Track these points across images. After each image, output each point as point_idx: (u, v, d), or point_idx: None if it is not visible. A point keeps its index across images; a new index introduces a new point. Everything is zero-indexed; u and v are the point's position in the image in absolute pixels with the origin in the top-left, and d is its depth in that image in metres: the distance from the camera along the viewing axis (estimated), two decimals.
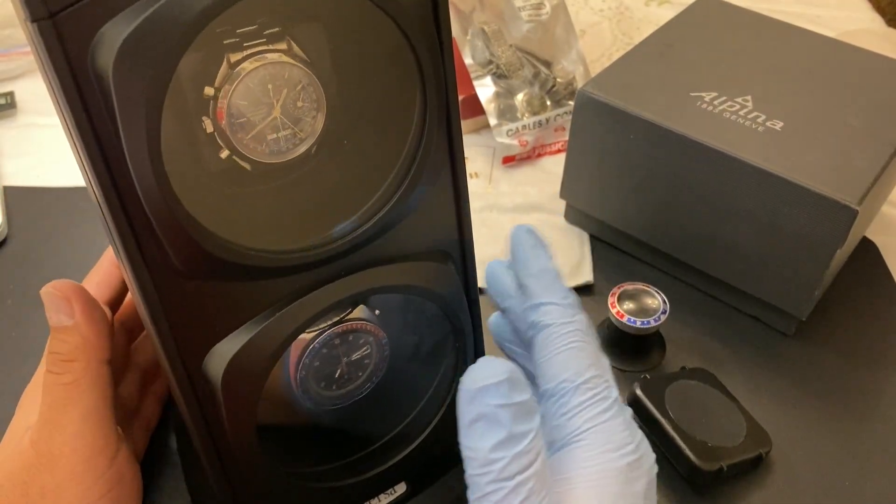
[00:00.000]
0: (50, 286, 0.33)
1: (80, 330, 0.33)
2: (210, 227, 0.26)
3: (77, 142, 0.24)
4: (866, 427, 0.46)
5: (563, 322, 0.32)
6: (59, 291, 0.33)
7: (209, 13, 0.23)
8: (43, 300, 0.33)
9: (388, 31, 0.27)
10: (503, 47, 0.65)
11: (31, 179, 0.61)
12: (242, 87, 0.26)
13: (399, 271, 0.32)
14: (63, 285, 0.33)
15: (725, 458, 0.41)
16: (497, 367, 0.29)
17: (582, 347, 0.31)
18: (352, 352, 0.35)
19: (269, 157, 0.28)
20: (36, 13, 0.21)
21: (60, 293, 0.33)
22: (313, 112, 0.28)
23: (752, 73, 0.53)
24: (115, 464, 0.34)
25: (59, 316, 0.33)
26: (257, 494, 0.33)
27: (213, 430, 0.31)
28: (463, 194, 0.33)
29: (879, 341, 0.51)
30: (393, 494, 0.38)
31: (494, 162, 0.64)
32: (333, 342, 0.34)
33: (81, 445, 0.33)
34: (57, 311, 0.33)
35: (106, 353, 0.34)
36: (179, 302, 0.28)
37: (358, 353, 0.35)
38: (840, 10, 0.88)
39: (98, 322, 0.34)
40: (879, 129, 0.48)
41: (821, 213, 0.44)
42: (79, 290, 0.34)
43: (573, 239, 0.58)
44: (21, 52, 0.71)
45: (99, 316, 0.34)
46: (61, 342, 0.33)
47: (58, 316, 0.33)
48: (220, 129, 0.27)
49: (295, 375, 0.34)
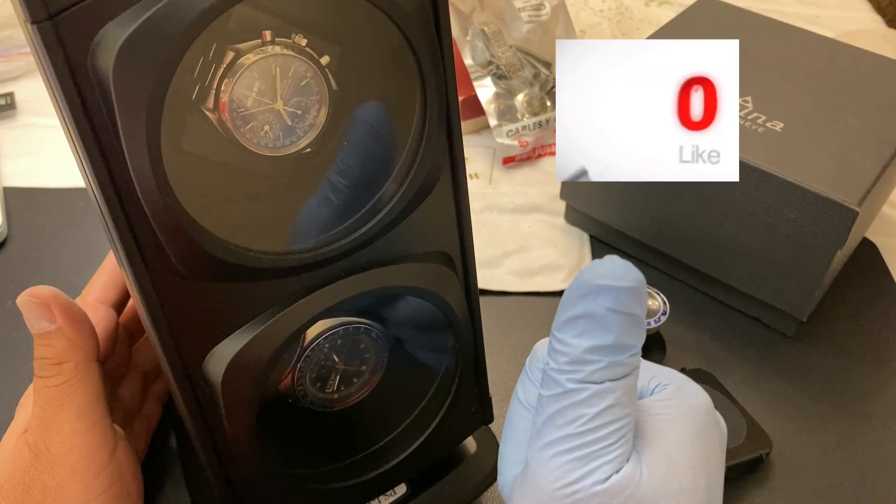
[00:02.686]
0: (26, 294, 0.33)
1: (63, 333, 0.33)
2: (210, 228, 0.26)
3: (77, 142, 0.24)
4: (866, 427, 0.46)
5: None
6: (37, 298, 0.33)
7: (209, 14, 0.23)
8: (21, 309, 0.33)
9: (388, 31, 0.27)
10: (503, 48, 0.65)
11: (31, 180, 0.61)
12: (244, 80, 0.26)
13: (399, 272, 0.32)
14: (40, 292, 0.33)
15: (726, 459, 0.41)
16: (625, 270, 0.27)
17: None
18: (351, 353, 0.35)
19: (272, 151, 0.28)
20: (36, 14, 0.21)
21: (38, 299, 0.33)
22: (316, 105, 0.28)
23: (752, 73, 0.53)
24: (114, 459, 0.34)
25: (40, 322, 0.33)
26: (257, 495, 0.33)
27: (213, 430, 0.31)
28: (463, 195, 0.33)
29: (879, 341, 0.51)
30: (393, 496, 0.38)
31: (494, 162, 0.64)
32: (333, 343, 0.34)
33: (79, 443, 0.33)
34: (37, 318, 0.33)
35: (93, 351, 0.34)
36: (179, 303, 0.28)
37: (357, 355, 0.35)
38: (840, 10, 0.88)
39: (80, 322, 0.34)
40: (880, 130, 0.48)
41: (821, 214, 0.44)
42: (55, 294, 0.34)
43: (573, 240, 0.58)
44: (21, 53, 0.71)
45: (80, 316, 0.34)
46: (47, 347, 0.33)
47: (38, 322, 0.33)
48: (222, 122, 0.26)
49: (294, 377, 0.34)
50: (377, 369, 0.36)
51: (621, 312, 0.27)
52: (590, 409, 0.27)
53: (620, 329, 0.27)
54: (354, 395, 0.36)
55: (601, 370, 0.27)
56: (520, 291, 0.54)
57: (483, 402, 0.39)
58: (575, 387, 0.27)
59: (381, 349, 0.35)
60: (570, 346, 0.27)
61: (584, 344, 0.27)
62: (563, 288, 0.53)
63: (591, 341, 0.27)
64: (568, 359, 0.27)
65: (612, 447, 0.27)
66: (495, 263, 0.55)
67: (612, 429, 0.27)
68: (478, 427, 0.40)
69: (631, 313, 0.27)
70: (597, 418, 0.27)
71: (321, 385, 0.35)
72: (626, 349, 0.27)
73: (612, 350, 0.27)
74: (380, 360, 0.36)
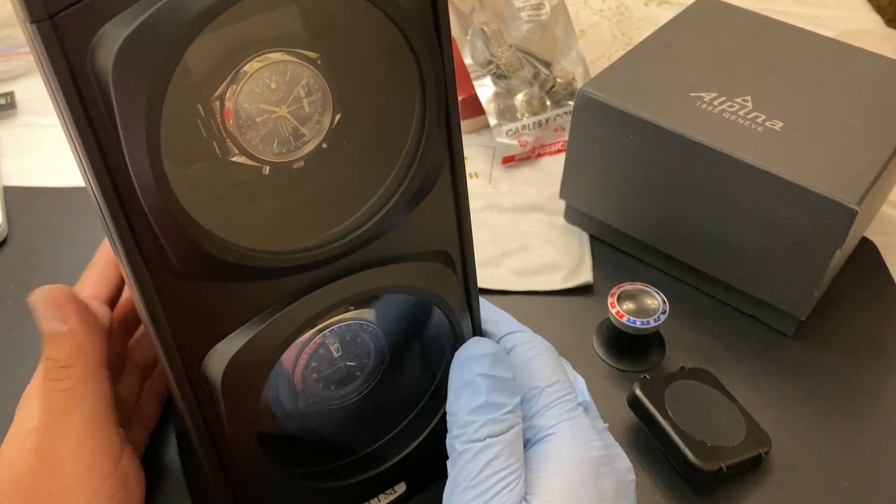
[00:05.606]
0: (40, 292, 0.33)
1: (75, 335, 0.33)
2: (210, 227, 0.26)
3: (77, 142, 0.24)
4: (866, 427, 0.46)
5: (524, 342, 0.36)
6: (51, 297, 0.33)
7: (209, 14, 0.23)
8: (33, 307, 0.33)
9: (388, 31, 0.27)
10: (503, 47, 0.65)
11: (31, 179, 0.61)
12: (248, 86, 0.26)
13: (399, 272, 0.32)
14: (55, 290, 0.33)
15: (725, 458, 0.41)
16: (484, 344, 0.33)
17: (542, 359, 0.35)
18: (351, 352, 0.35)
19: (276, 157, 0.28)
20: (35, 14, 0.21)
21: (53, 299, 0.33)
22: (320, 110, 0.28)
23: (751, 73, 0.53)
24: (119, 467, 0.34)
25: (52, 323, 0.32)
26: (257, 495, 0.33)
27: (212, 430, 0.31)
28: (463, 194, 0.33)
29: (879, 341, 0.51)
30: (392, 494, 0.38)
31: (494, 162, 0.64)
32: (333, 342, 0.34)
33: (85, 450, 0.33)
34: (50, 318, 0.32)
35: (103, 356, 0.34)
36: (179, 302, 0.28)
37: (357, 353, 0.35)
38: (839, 10, 0.88)
39: (93, 326, 0.33)
40: (879, 130, 0.48)
41: (820, 214, 0.44)
42: (71, 294, 0.33)
43: (573, 239, 0.58)
44: (21, 52, 0.71)
45: (93, 319, 0.33)
46: (57, 348, 0.33)
47: (51, 323, 0.32)
48: (226, 128, 0.26)
49: (294, 376, 0.34)
50: (377, 367, 0.36)
51: (488, 375, 0.32)
52: (476, 464, 0.31)
53: (489, 389, 0.32)
54: (354, 393, 0.36)
55: (481, 428, 0.31)
56: (519, 291, 0.54)
57: None
58: (463, 448, 0.31)
59: (381, 347, 0.35)
60: (455, 413, 0.32)
61: (465, 408, 0.32)
62: (562, 287, 0.53)
63: (469, 404, 0.32)
64: (456, 425, 0.32)
65: (499, 496, 0.30)
66: (495, 263, 0.55)
67: (497, 479, 0.31)
68: None
69: (495, 374, 0.32)
70: (483, 471, 0.31)
71: (321, 383, 0.35)
72: (498, 407, 0.32)
73: (485, 409, 0.31)
74: (380, 358, 0.36)
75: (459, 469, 0.31)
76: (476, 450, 0.31)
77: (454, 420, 0.32)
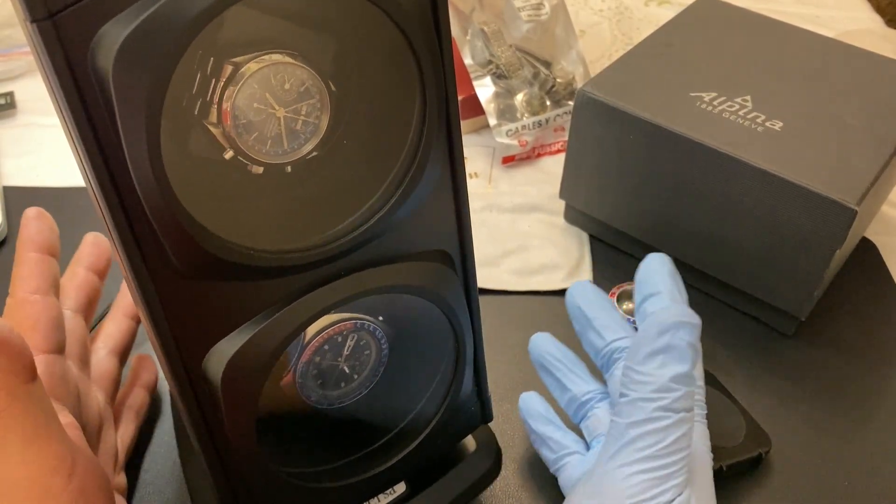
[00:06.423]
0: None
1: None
2: (210, 227, 0.26)
3: (77, 142, 0.24)
4: (866, 427, 0.46)
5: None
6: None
7: (209, 14, 0.23)
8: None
9: (388, 31, 0.27)
10: (503, 47, 0.65)
11: (31, 179, 0.61)
12: (246, 88, 0.26)
13: (399, 271, 0.32)
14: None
15: (725, 458, 0.41)
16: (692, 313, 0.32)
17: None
18: (351, 351, 0.35)
19: (274, 158, 0.28)
20: (36, 13, 0.21)
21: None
22: (317, 112, 0.28)
23: (751, 73, 0.53)
24: (73, 480, 0.31)
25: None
26: (257, 494, 0.33)
27: (212, 430, 0.31)
28: (463, 194, 0.33)
29: (879, 341, 0.51)
30: (392, 494, 0.38)
31: (494, 162, 0.64)
32: (333, 341, 0.34)
33: (32, 471, 0.30)
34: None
35: (27, 373, 0.29)
36: (179, 302, 0.28)
37: (357, 353, 0.35)
38: (839, 10, 0.88)
39: (4, 344, 0.29)
40: (879, 130, 0.48)
41: (820, 213, 0.44)
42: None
43: (573, 239, 0.58)
44: (21, 52, 0.71)
45: (3, 338, 0.29)
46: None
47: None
48: (224, 129, 0.27)
49: (294, 375, 0.34)
50: (377, 367, 0.36)
51: (695, 346, 0.31)
52: (669, 435, 0.30)
53: (693, 361, 0.30)
54: (354, 392, 0.36)
55: (681, 398, 0.30)
56: (519, 290, 0.54)
57: (482, 401, 0.39)
58: (658, 414, 0.30)
59: (381, 347, 0.36)
60: (654, 376, 0.30)
61: (668, 373, 0.30)
62: (562, 287, 0.53)
63: (673, 371, 0.30)
64: (654, 387, 0.30)
65: (679, 473, 0.30)
66: (495, 262, 0.55)
67: (681, 456, 0.30)
68: (477, 426, 0.40)
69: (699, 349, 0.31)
70: (673, 444, 0.30)
71: (321, 383, 0.35)
72: (695, 380, 0.31)
73: (689, 379, 0.30)
74: (380, 357, 0.36)
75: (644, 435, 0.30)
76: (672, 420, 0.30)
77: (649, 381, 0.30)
